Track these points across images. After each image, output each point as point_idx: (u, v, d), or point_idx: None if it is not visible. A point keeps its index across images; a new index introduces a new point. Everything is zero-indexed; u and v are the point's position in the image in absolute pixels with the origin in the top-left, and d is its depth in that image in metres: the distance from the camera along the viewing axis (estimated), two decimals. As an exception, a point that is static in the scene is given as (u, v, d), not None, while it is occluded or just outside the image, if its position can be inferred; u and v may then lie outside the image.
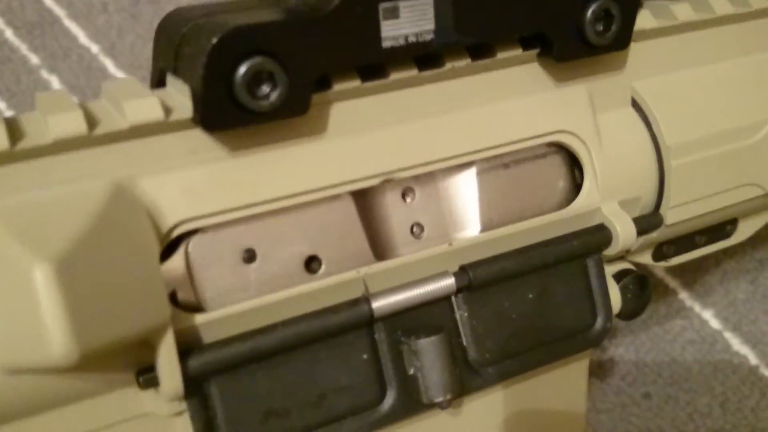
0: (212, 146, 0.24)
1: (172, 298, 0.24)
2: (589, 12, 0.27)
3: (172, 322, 0.23)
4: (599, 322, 0.30)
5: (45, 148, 0.22)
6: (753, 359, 0.45)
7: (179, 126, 0.23)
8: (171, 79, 0.24)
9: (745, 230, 0.36)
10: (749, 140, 0.32)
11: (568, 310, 0.30)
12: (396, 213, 0.28)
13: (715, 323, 0.46)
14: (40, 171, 0.22)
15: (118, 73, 0.48)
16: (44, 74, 0.48)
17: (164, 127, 0.23)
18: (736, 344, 0.46)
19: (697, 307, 0.46)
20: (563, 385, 0.32)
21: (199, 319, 0.24)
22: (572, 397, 0.32)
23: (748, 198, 0.33)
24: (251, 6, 0.25)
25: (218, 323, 0.24)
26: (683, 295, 0.47)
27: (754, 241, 0.40)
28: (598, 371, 0.45)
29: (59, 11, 0.49)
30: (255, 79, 0.22)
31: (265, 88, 0.23)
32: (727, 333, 0.46)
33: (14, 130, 0.22)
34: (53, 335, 0.20)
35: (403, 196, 0.28)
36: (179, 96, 0.24)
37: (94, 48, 0.49)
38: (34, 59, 0.48)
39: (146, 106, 0.23)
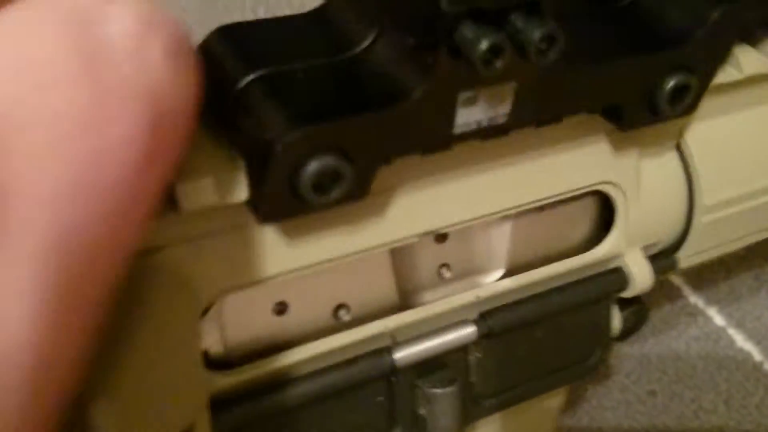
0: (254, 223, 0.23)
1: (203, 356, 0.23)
2: (668, 87, 0.25)
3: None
4: (597, 354, 0.30)
5: None
6: (757, 355, 0.45)
7: (230, 206, 0.22)
8: (222, 143, 0.22)
9: None
10: None
11: (572, 344, 0.30)
12: (427, 256, 0.27)
13: (719, 320, 0.46)
14: None
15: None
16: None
17: (215, 209, 0.21)
18: (740, 341, 0.46)
19: (701, 304, 0.47)
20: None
21: (231, 377, 0.24)
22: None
23: (763, 239, 0.33)
24: (309, 48, 0.22)
25: (247, 377, 0.24)
26: (687, 292, 0.47)
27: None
28: (603, 368, 0.45)
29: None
30: (322, 177, 0.21)
31: (329, 182, 0.21)
32: (731, 329, 0.46)
33: None
34: None
35: (437, 240, 0.28)
36: (229, 164, 0.21)
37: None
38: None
39: (201, 190, 0.20)
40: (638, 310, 0.31)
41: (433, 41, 0.20)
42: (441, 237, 0.27)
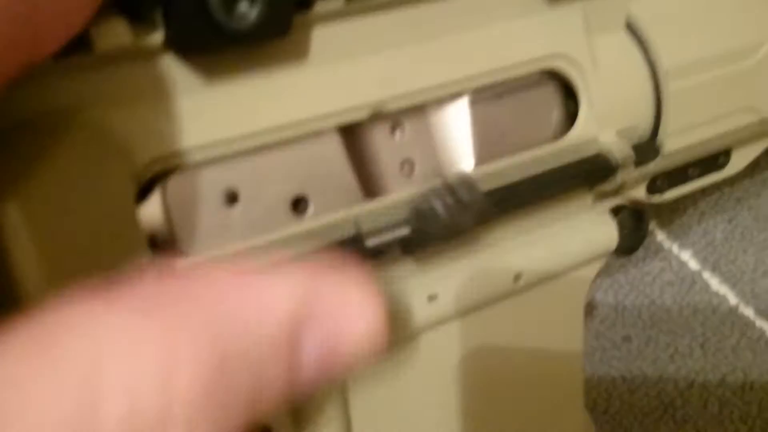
0: (187, 75, 0.22)
1: (150, 243, 0.23)
2: None
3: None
4: None
5: None
6: (732, 299, 0.45)
7: (151, 51, 0.22)
8: None
9: (737, 161, 0.35)
10: (746, 62, 0.31)
11: None
12: (385, 149, 0.26)
13: (693, 264, 0.46)
14: (3, 101, 0.20)
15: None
16: None
17: (134, 53, 0.21)
18: (715, 284, 0.46)
19: (675, 249, 0.46)
20: (557, 315, 0.31)
21: (180, 265, 0.23)
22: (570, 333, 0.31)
23: (744, 124, 0.32)
24: None
25: None
26: (661, 237, 0.46)
27: (731, 179, 0.39)
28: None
29: None
30: None
31: (243, 7, 0.21)
32: (706, 273, 0.46)
33: None
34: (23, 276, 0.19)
35: (392, 130, 0.27)
36: (144, 7, 0.22)
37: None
38: None
39: (112, 29, 0.21)
40: (634, 214, 0.31)
41: None
42: (395, 127, 0.26)
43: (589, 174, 0.29)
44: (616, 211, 0.31)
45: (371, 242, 0.24)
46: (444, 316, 0.27)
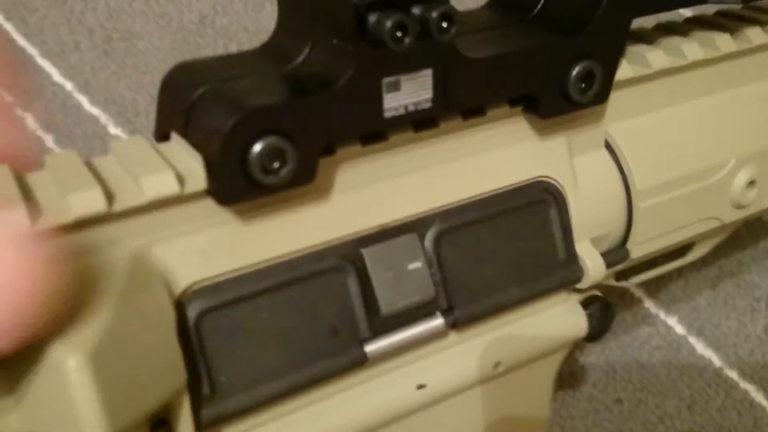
0: (221, 211, 0.25)
1: None
2: (573, 74, 0.29)
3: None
4: (562, 258, 0.32)
5: (65, 226, 0.22)
6: (717, 361, 0.47)
7: (193, 197, 0.24)
8: (179, 140, 0.25)
9: (699, 250, 0.38)
10: (712, 179, 0.34)
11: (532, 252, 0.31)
12: None
13: (679, 329, 0.48)
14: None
15: (93, 110, 0.49)
16: (18, 112, 0.49)
17: (179, 199, 0.24)
18: (701, 348, 0.48)
19: (662, 315, 0.48)
20: (529, 390, 0.33)
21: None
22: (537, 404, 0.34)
23: (708, 230, 0.35)
24: (255, 68, 0.26)
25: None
26: (648, 304, 0.48)
27: (714, 249, 0.41)
28: (570, 379, 0.47)
29: (32, 50, 0.50)
30: (268, 156, 0.23)
31: (276, 164, 0.24)
32: (691, 338, 0.48)
33: (32, 204, 0.22)
34: (86, 423, 0.20)
35: None
36: (189, 161, 0.24)
37: (69, 85, 0.50)
38: (8, 98, 0.49)
39: (163, 181, 0.23)
40: (602, 306, 0.33)
41: (351, 34, 0.24)
42: None
43: (564, 280, 0.32)
44: (587, 303, 0.33)
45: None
46: (431, 401, 0.30)
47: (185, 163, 0.24)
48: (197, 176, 0.24)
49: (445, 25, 0.24)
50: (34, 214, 0.22)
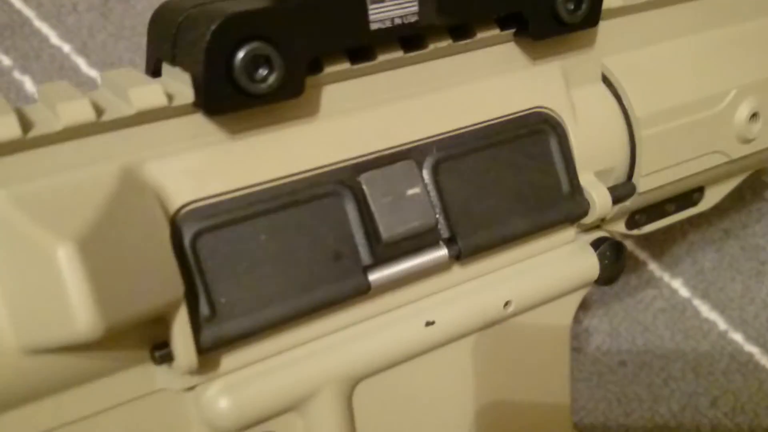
0: (212, 130, 0.25)
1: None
2: None
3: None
4: (567, 189, 0.31)
5: (55, 135, 0.22)
6: (722, 324, 0.47)
7: (181, 111, 0.24)
8: (168, 69, 0.25)
9: (711, 198, 0.37)
10: (713, 110, 0.34)
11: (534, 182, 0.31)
12: None
13: (684, 291, 0.48)
14: (51, 157, 0.23)
15: (91, 72, 0.48)
16: (17, 75, 0.48)
17: (168, 112, 0.24)
18: (705, 311, 0.47)
19: (666, 277, 0.48)
20: (545, 342, 0.33)
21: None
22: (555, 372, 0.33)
23: (714, 165, 0.35)
24: None
25: None
26: (652, 266, 0.48)
27: (718, 211, 0.41)
28: (574, 342, 0.46)
29: (29, 12, 0.49)
30: (253, 62, 0.23)
31: (263, 72, 0.24)
32: (696, 300, 0.48)
33: (24, 119, 0.22)
34: (79, 310, 0.21)
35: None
36: (178, 84, 0.24)
37: (66, 48, 0.49)
38: (5, 61, 0.48)
39: (150, 93, 0.23)
40: (613, 246, 0.33)
41: None
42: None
43: (570, 212, 0.31)
44: (597, 244, 0.33)
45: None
46: (440, 341, 0.29)
47: (174, 85, 0.24)
48: (186, 92, 0.24)
49: None
50: (25, 125, 0.22)
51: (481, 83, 0.30)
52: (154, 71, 0.26)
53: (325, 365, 0.27)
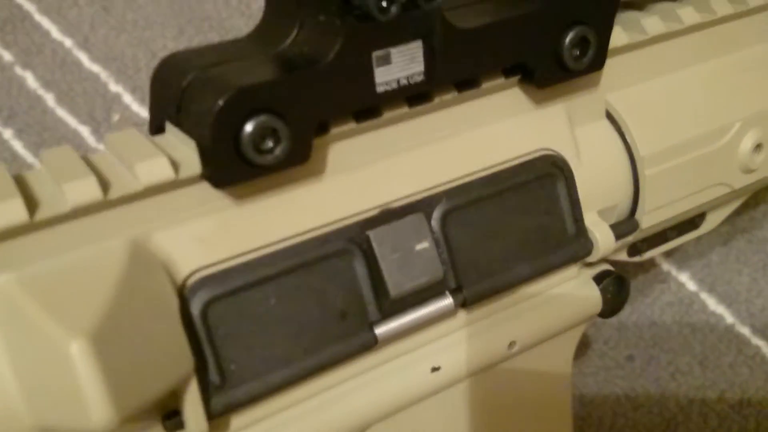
0: (218, 196, 0.25)
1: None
2: (567, 40, 0.28)
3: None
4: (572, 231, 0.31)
5: (63, 217, 0.22)
6: (729, 318, 0.47)
7: (188, 181, 0.24)
8: (173, 130, 0.25)
9: (712, 221, 0.37)
10: (718, 143, 0.33)
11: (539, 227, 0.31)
12: None
13: (691, 285, 0.48)
14: (58, 237, 0.22)
15: (94, 67, 0.48)
16: (18, 71, 0.48)
17: (175, 184, 0.24)
18: (712, 304, 0.48)
19: (674, 271, 0.48)
20: (548, 371, 0.33)
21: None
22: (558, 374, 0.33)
23: (717, 197, 0.35)
24: (244, 52, 0.25)
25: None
26: (660, 260, 0.48)
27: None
28: (582, 337, 0.46)
29: (29, 6, 0.49)
30: (260, 135, 0.23)
31: (269, 143, 0.23)
32: (703, 294, 0.48)
33: (28, 197, 0.22)
34: (92, 406, 0.20)
35: None
36: (184, 149, 0.24)
37: (68, 42, 0.48)
38: (6, 56, 0.48)
39: (157, 167, 0.23)
40: (616, 280, 0.32)
41: (337, 8, 0.24)
42: None
43: (574, 254, 0.31)
44: (600, 278, 0.33)
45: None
46: (446, 384, 0.29)
47: (180, 150, 0.24)
48: (192, 161, 0.24)
49: None
50: (31, 206, 0.22)
51: (487, 129, 0.29)
52: (158, 128, 0.26)
53: (334, 417, 0.27)
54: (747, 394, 0.46)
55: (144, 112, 0.48)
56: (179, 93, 0.24)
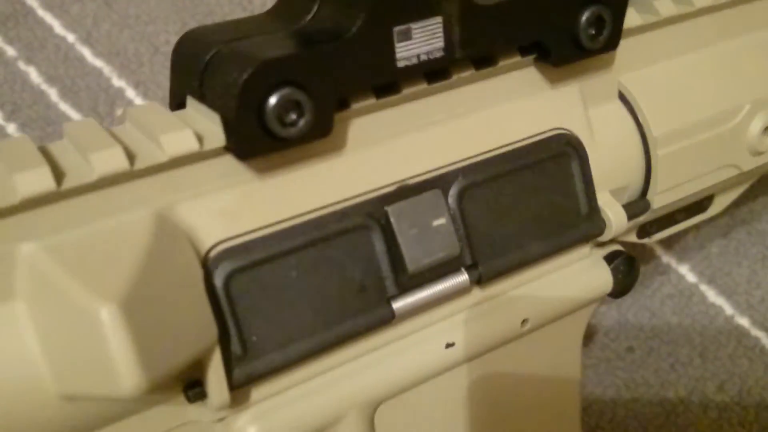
0: (242, 169, 0.25)
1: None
2: (583, 19, 0.28)
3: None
4: (585, 209, 0.31)
5: (89, 186, 0.22)
6: (728, 309, 0.48)
7: (212, 154, 0.24)
8: (195, 104, 0.25)
9: (720, 203, 0.38)
10: (728, 125, 0.34)
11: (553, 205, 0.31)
12: None
13: (691, 277, 0.48)
14: (85, 206, 0.23)
15: (97, 62, 0.48)
16: (21, 66, 0.48)
17: (199, 156, 0.24)
18: (712, 296, 0.48)
19: (673, 263, 0.48)
20: (558, 349, 0.33)
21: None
22: (567, 360, 0.34)
23: (726, 178, 0.35)
24: (265, 27, 0.26)
25: None
26: (660, 252, 0.49)
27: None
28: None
29: (32, 2, 0.49)
30: (284, 108, 0.23)
31: (293, 116, 0.24)
32: (703, 286, 0.48)
33: (55, 167, 0.22)
34: (123, 371, 0.20)
35: None
36: (207, 122, 0.24)
37: (71, 37, 0.49)
38: (10, 51, 0.48)
39: (182, 139, 0.23)
40: (626, 260, 0.33)
41: None
42: None
43: (587, 232, 0.31)
44: (611, 258, 0.33)
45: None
46: (459, 361, 0.30)
47: (203, 123, 0.24)
48: (215, 134, 0.24)
49: None
50: (58, 175, 0.22)
51: (503, 107, 0.30)
52: (179, 103, 0.26)
53: (350, 390, 0.28)
54: (746, 385, 0.46)
55: (147, 107, 0.48)
56: (202, 67, 0.24)
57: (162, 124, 0.24)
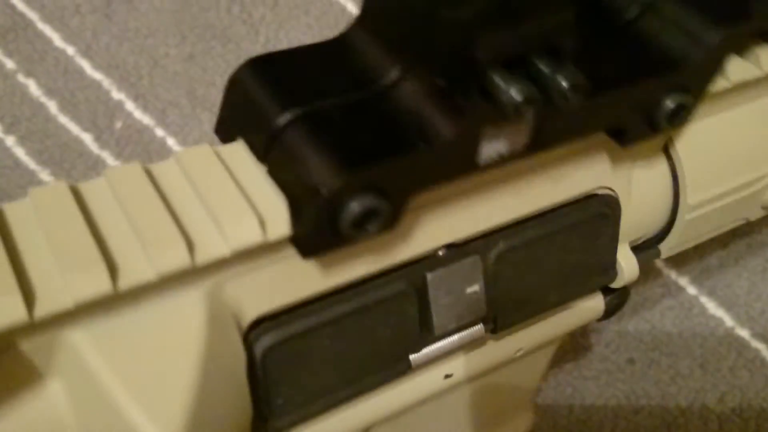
0: (290, 248, 0.23)
1: None
2: (665, 106, 0.26)
3: None
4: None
5: (147, 285, 0.21)
6: (728, 321, 0.48)
7: (274, 242, 0.23)
8: (255, 166, 0.23)
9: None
10: (754, 188, 0.33)
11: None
12: None
13: (691, 289, 0.48)
14: (137, 294, 0.21)
15: (96, 74, 0.48)
16: (21, 78, 0.48)
17: (261, 246, 0.22)
18: (712, 308, 0.48)
19: (673, 275, 0.48)
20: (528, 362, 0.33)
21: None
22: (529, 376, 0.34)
23: (733, 227, 0.35)
24: (338, 80, 0.23)
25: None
26: (660, 264, 0.49)
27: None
28: (583, 340, 0.47)
29: (32, 15, 0.49)
30: (363, 216, 0.22)
31: (368, 220, 0.22)
32: (703, 298, 0.48)
33: (109, 260, 0.20)
34: None
35: None
36: (271, 200, 0.23)
37: (70, 50, 0.49)
38: (9, 64, 0.48)
39: (248, 230, 0.22)
40: (621, 293, 0.33)
41: (464, 85, 0.22)
42: None
43: (600, 283, 0.32)
44: (608, 290, 0.33)
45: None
46: (453, 386, 0.30)
47: (266, 200, 0.22)
48: (280, 222, 0.22)
49: (572, 94, 0.22)
50: (112, 269, 0.20)
51: (555, 170, 0.28)
52: (227, 138, 0.24)
53: (343, 415, 0.28)
54: (747, 397, 0.46)
55: (146, 120, 0.48)
56: (272, 133, 0.22)
57: (226, 204, 0.22)
